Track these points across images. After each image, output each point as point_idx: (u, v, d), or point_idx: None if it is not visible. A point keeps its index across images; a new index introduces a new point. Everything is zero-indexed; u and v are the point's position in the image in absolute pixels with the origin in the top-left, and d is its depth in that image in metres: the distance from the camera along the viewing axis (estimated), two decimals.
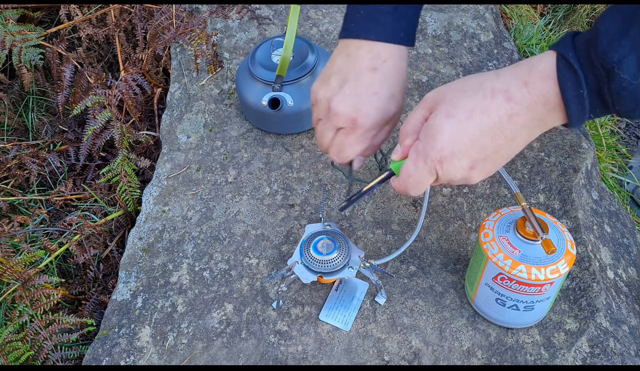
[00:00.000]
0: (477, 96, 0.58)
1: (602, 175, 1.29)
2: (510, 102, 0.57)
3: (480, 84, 0.59)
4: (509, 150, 0.60)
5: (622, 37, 0.50)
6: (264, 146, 1.07)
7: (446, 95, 0.61)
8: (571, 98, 0.54)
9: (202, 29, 1.18)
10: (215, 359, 0.81)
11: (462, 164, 0.60)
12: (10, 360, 0.82)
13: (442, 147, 0.59)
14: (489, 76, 0.59)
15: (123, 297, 0.89)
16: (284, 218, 0.96)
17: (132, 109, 1.19)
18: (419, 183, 0.64)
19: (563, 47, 0.54)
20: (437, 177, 0.63)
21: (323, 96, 0.70)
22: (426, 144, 0.61)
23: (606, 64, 0.51)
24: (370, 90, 0.67)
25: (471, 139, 0.59)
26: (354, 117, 0.67)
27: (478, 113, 0.58)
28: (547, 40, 1.52)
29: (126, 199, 1.08)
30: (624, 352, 0.79)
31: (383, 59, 0.67)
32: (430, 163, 0.61)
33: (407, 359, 0.79)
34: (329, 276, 0.78)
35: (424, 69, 1.19)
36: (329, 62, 0.72)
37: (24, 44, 1.19)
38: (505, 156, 0.61)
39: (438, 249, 0.91)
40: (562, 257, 0.70)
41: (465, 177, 0.62)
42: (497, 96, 0.57)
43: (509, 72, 0.58)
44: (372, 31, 0.67)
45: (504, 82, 0.57)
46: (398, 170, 0.66)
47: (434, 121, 0.60)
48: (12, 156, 1.21)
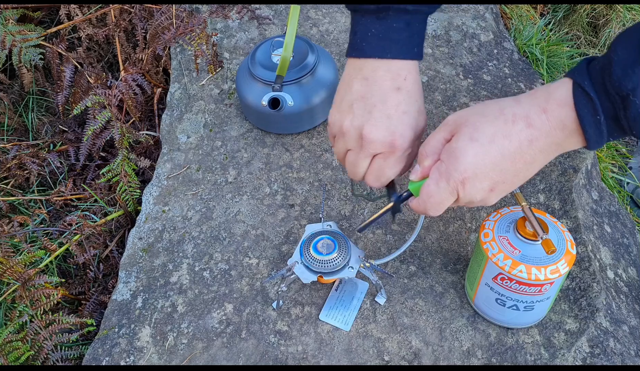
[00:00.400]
0: (499, 121, 0.60)
1: (602, 175, 1.29)
2: (530, 128, 0.58)
3: (501, 109, 0.60)
4: (527, 173, 0.62)
5: (636, 64, 0.52)
6: (264, 146, 1.07)
7: (468, 119, 0.62)
8: (589, 124, 0.56)
9: (202, 29, 1.18)
10: (215, 359, 0.81)
11: (483, 185, 0.62)
12: (10, 360, 0.82)
13: (466, 169, 0.60)
14: (509, 102, 0.61)
15: (123, 297, 0.89)
16: (284, 218, 0.96)
17: (132, 109, 1.19)
18: (440, 203, 0.64)
19: (579, 75, 0.56)
20: (458, 198, 0.63)
21: (351, 126, 0.68)
22: (449, 165, 0.62)
23: (621, 91, 0.52)
24: (399, 110, 0.67)
25: (493, 163, 0.60)
26: (392, 141, 0.67)
27: (500, 138, 0.59)
28: (547, 40, 1.52)
29: (126, 199, 1.08)
30: (624, 352, 0.79)
31: (403, 77, 0.67)
32: (452, 184, 0.62)
33: (407, 359, 0.79)
34: (329, 276, 0.78)
35: (424, 69, 1.19)
36: (343, 87, 0.69)
37: (24, 44, 1.19)
38: (522, 179, 0.63)
39: (438, 249, 0.91)
40: (562, 257, 0.70)
41: (484, 198, 0.64)
42: (518, 122, 0.59)
43: (528, 98, 0.60)
44: (388, 50, 0.66)
45: (524, 109, 0.59)
46: (417, 190, 0.66)
47: (457, 144, 0.61)
48: (12, 156, 1.21)
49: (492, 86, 1.17)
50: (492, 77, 1.19)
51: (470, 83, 1.16)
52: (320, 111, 1.05)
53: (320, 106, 1.04)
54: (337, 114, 0.70)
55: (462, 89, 1.15)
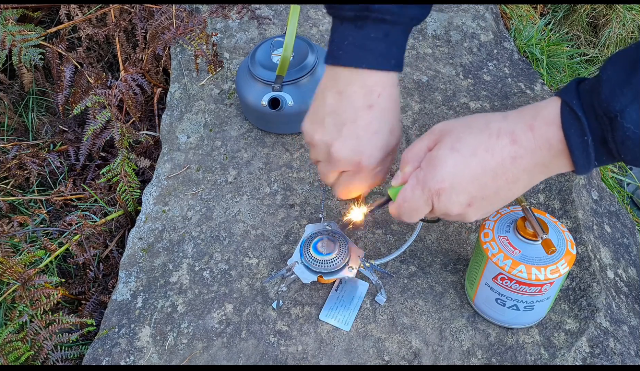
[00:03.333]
0: (483, 134, 0.58)
1: (602, 175, 1.29)
2: (514, 144, 0.57)
3: (487, 123, 0.59)
4: (509, 193, 0.60)
5: (624, 86, 0.50)
6: (264, 146, 1.07)
7: (453, 129, 0.61)
8: (575, 145, 0.54)
9: (202, 29, 1.18)
10: (215, 359, 0.81)
11: (460, 199, 0.60)
12: (10, 360, 0.82)
13: (443, 179, 0.59)
14: (496, 116, 0.60)
15: (123, 297, 0.89)
16: (284, 218, 0.96)
17: (132, 109, 1.19)
18: (413, 210, 0.64)
19: (567, 94, 0.54)
20: (433, 208, 0.62)
21: (320, 140, 0.68)
22: (427, 174, 0.61)
23: (609, 112, 0.50)
24: (369, 130, 0.66)
25: (472, 176, 0.59)
26: (358, 161, 0.67)
27: (482, 151, 0.58)
28: (547, 40, 1.52)
29: (126, 199, 1.08)
30: (624, 352, 0.79)
31: (377, 93, 0.65)
32: (427, 193, 0.61)
33: (407, 359, 0.79)
34: (329, 276, 0.78)
35: (424, 69, 1.19)
36: (319, 97, 0.68)
37: (24, 44, 1.19)
38: (504, 198, 0.61)
39: (438, 249, 0.91)
40: (562, 257, 0.70)
41: (461, 213, 0.62)
42: (503, 137, 0.57)
43: (515, 115, 0.58)
44: (363, 59, 0.64)
45: (510, 124, 0.58)
46: (395, 195, 0.66)
47: (437, 152, 0.60)
48: (12, 156, 1.21)
49: (492, 85, 1.17)
50: (492, 77, 1.19)
51: (470, 83, 1.16)
52: None
53: None
54: (309, 124, 0.70)
55: (462, 89, 1.15)
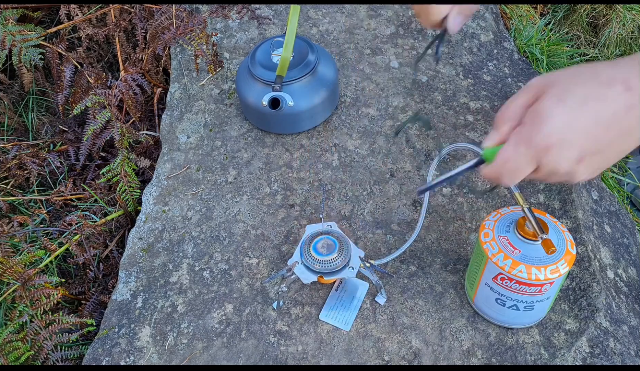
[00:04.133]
0: (593, 83, 0.53)
1: (602, 175, 1.29)
2: (629, 91, 0.52)
3: (595, 71, 0.54)
4: (623, 145, 0.55)
5: None
6: (264, 146, 1.07)
7: (556, 81, 0.55)
8: None
9: (202, 29, 1.18)
10: (215, 359, 0.81)
11: (570, 155, 0.54)
12: (10, 360, 0.82)
13: (551, 133, 0.53)
14: (604, 64, 0.55)
15: (123, 297, 0.89)
16: (284, 218, 0.96)
17: (132, 109, 1.19)
18: (516, 171, 0.57)
19: None
20: (538, 168, 0.56)
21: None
22: (532, 129, 0.54)
23: None
24: None
25: (583, 129, 0.53)
26: None
27: (593, 101, 0.52)
28: (547, 40, 1.52)
29: (126, 199, 1.08)
30: (624, 352, 0.79)
31: None
32: (533, 150, 0.54)
33: (407, 359, 0.79)
34: (329, 276, 0.78)
35: (424, 69, 1.19)
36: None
37: (24, 44, 1.19)
38: (617, 152, 0.55)
39: (438, 249, 0.91)
40: (562, 257, 0.70)
41: (569, 171, 0.55)
42: (615, 85, 0.52)
43: (627, 61, 0.53)
44: None
45: (622, 71, 0.53)
46: (491, 156, 0.59)
47: (542, 106, 0.54)
48: (12, 156, 1.21)
49: (492, 85, 1.17)
50: (492, 77, 1.19)
51: (470, 83, 1.16)
52: (320, 110, 1.05)
53: (320, 106, 1.04)
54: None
55: (462, 89, 1.15)
